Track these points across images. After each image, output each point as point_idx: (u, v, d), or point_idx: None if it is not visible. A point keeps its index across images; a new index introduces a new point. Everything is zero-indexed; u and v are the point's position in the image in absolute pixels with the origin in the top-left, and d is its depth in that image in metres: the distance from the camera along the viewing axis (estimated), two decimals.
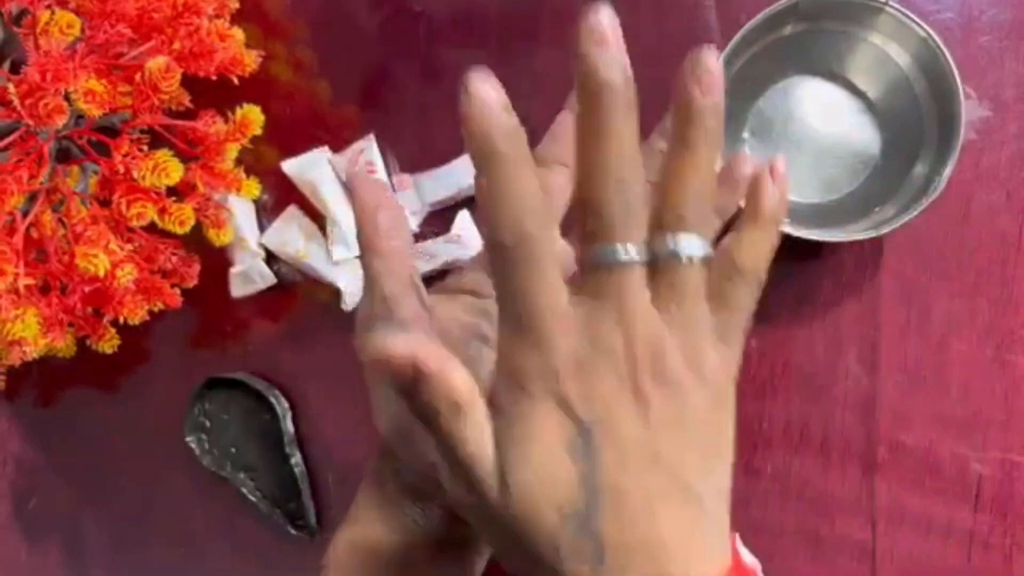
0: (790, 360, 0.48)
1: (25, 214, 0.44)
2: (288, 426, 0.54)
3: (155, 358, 0.59)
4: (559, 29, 0.51)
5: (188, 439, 0.55)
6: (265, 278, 0.55)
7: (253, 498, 0.54)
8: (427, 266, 0.52)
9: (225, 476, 0.54)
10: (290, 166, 0.54)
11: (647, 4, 0.50)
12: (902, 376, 0.47)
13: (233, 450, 0.54)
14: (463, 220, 0.52)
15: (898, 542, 0.47)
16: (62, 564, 0.61)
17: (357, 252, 0.53)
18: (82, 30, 0.44)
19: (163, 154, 0.45)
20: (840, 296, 0.48)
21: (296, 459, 0.54)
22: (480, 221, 0.26)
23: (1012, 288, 0.46)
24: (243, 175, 0.49)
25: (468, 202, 0.52)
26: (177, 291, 0.51)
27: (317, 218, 0.55)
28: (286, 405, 0.55)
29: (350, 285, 0.53)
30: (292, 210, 0.55)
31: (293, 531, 0.54)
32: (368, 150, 0.53)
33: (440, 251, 0.51)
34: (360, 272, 0.53)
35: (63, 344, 0.51)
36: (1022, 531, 0.46)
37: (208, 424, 0.56)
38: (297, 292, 0.56)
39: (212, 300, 0.57)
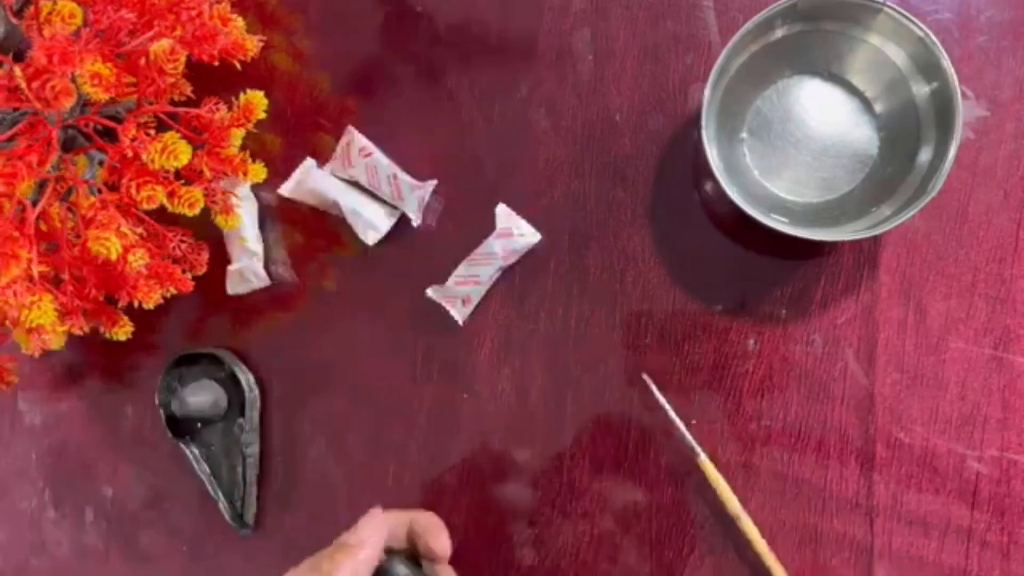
0: (788, 358, 0.48)
1: (34, 204, 0.44)
2: (254, 416, 0.55)
3: (154, 354, 0.59)
4: (557, 31, 0.52)
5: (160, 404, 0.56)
6: (260, 278, 0.56)
7: (202, 476, 0.55)
8: (490, 268, 0.51)
9: (182, 445, 0.55)
10: (287, 188, 0.55)
11: (646, 4, 0.50)
12: (900, 374, 0.47)
13: (199, 425, 0.55)
14: (503, 213, 0.52)
15: (896, 539, 0.47)
16: (65, 562, 0.61)
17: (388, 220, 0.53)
18: (85, 20, 0.44)
19: (171, 136, 0.44)
20: (838, 295, 0.48)
21: (251, 449, 0.55)
22: None
23: (1010, 287, 0.47)
24: (249, 159, 0.49)
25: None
26: (188, 275, 0.51)
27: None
28: (256, 393, 0.55)
29: (375, 215, 0.53)
30: (309, 162, 0.55)
31: (229, 521, 0.55)
32: (353, 140, 0.53)
33: (497, 248, 0.51)
34: (384, 210, 0.53)
35: (53, 336, 0.50)
36: (1019, 528, 0.46)
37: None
38: (290, 293, 0.56)
39: (210, 296, 0.57)
